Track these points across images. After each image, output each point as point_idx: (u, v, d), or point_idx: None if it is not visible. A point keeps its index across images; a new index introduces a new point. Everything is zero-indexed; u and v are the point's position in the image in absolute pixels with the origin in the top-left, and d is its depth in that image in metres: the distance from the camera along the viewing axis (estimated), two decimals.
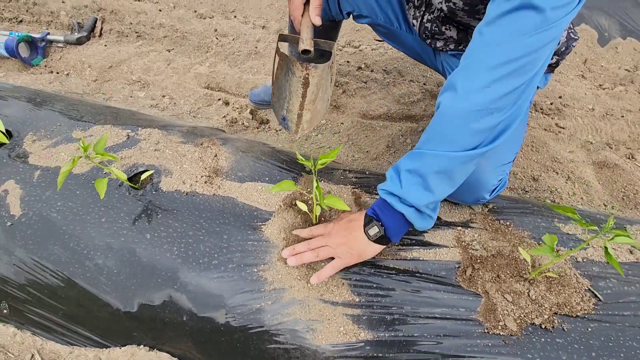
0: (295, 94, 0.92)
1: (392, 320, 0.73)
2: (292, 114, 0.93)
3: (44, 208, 0.88)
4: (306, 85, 0.91)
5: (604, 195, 1.25)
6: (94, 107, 1.17)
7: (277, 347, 0.75)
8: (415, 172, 0.70)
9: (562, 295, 0.75)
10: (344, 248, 0.74)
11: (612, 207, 1.22)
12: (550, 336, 0.70)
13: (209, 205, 0.87)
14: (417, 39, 1.09)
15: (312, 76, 0.90)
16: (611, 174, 1.29)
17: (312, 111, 0.92)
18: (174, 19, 1.82)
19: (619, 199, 1.25)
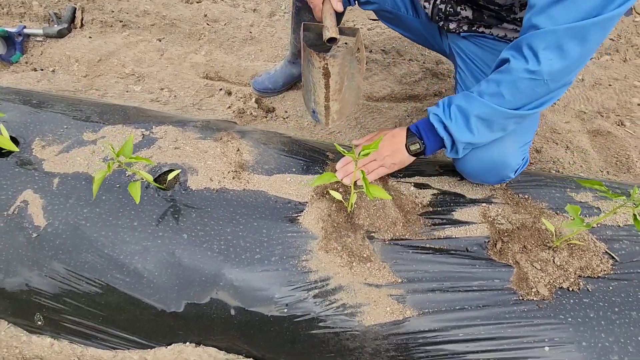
0: (319, 85, 0.91)
1: (434, 296, 0.78)
2: (320, 106, 0.92)
3: (70, 216, 0.85)
4: (327, 75, 0.90)
5: (599, 161, 1.33)
6: (97, 106, 1.12)
7: (326, 332, 0.78)
8: (462, 110, 0.79)
9: (584, 259, 0.82)
10: (389, 159, 0.89)
11: (607, 173, 1.31)
12: (577, 297, 0.77)
13: (241, 201, 0.87)
14: (423, 23, 1.10)
15: (332, 65, 0.89)
16: (605, 141, 1.37)
17: (339, 101, 0.92)
18: (158, 5, 1.73)
19: (613, 164, 1.33)
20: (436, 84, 1.53)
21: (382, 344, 0.77)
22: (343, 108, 0.95)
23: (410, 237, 0.84)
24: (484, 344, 0.74)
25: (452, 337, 0.75)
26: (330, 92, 0.92)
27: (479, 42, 0.98)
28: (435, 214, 0.88)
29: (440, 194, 0.93)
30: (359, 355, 0.78)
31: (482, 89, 0.78)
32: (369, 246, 0.82)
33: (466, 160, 0.88)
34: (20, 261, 0.84)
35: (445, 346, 0.75)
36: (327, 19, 0.89)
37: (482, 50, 0.97)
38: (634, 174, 1.29)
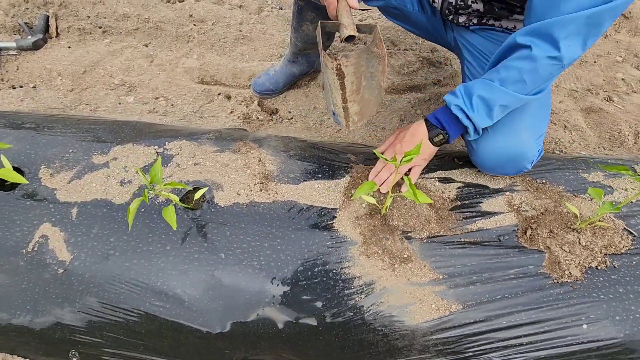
0: (334, 87, 0.90)
1: (475, 288, 0.80)
2: (338, 107, 0.91)
3: (97, 247, 0.82)
4: (341, 76, 0.88)
5: (594, 138, 1.40)
6: (97, 124, 1.06)
7: (375, 335, 0.80)
8: (485, 100, 0.82)
9: (606, 238, 0.87)
10: (419, 157, 0.90)
11: (603, 148, 1.38)
12: (606, 275, 0.82)
13: (274, 213, 0.86)
14: (428, 17, 1.10)
15: (345, 66, 0.87)
16: (597, 117, 1.44)
17: (358, 102, 0.90)
18: (137, 7, 1.63)
19: (607, 139, 1.40)
20: (434, 72, 1.54)
21: (430, 339, 0.79)
22: (364, 109, 0.94)
23: (445, 233, 0.86)
24: (526, 328, 0.78)
25: (496, 326, 0.78)
26: (346, 94, 0.91)
27: (487, 35, 0.99)
28: (464, 207, 0.90)
29: (465, 186, 0.95)
30: (408, 352, 0.81)
31: (503, 76, 0.80)
32: (408, 246, 0.83)
33: (484, 155, 0.90)
34: (48, 299, 0.80)
35: (490, 335, 0.78)
36: (343, 16, 0.86)
37: (490, 43, 0.98)
38: (627, 147, 1.37)
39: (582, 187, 0.97)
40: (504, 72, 0.80)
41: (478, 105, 0.82)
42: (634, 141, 1.38)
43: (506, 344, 0.79)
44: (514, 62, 0.79)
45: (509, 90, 0.79)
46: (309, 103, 1.42)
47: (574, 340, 0.78)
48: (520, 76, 0.78)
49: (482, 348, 0.79)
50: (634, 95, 1.53)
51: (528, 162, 0.90)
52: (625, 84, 1.57)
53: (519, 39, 0.77)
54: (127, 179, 0.90)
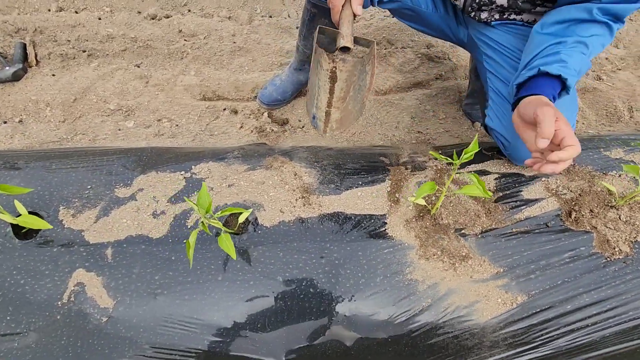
0: (324, 89, 0.88)
1: (535, 277, 0.81)
2: (321, 111, 0.90)
3: (142, 287, 0.75)
4: (334, 79, 0.87)
5: (593, 116, 1.46)
6: (108, 155, 0.98)
7: (445, 338, 0.78)
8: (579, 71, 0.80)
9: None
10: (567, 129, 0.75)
11: (603, 125, 1.44)
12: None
13: (324, 227, 0.83)
14: (441, 16, 1.10)
15: (340, 70, 0.87)
16: (593, 96, 1.50)
17: (341, 110, 0.89)
18: (121, 27, 1.55)
19: (604, 116, 1.47)
20: (434, 67, 1.56)
21: (499, 334, 0.78)
22: (344, 119, 0.93)
23: (496, 225, 0.85)
24: (589, 310, 0.79)
25: (562, 311, 0.79)
26: (333, 99, 0.90)
27: (508, 30, 1.00)
28: (507, 197, 0.91)
29: (502, 177, 0.96)
30: (478, 351, 0.80)
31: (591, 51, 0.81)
32: (465, 244, 0.83)
33: (520, 148, 0.90)
34: (93, 352, 0.72)
35: (557, 321, 0.79)
36: (344, 25, 0.85)
37: (513, 37, 0.99)
38: (625, 122, 1.44)
39: (608, 165, 1.00)
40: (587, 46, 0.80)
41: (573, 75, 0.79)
42: (629, 116, 1.46)
43: (572, 328, 0.79)
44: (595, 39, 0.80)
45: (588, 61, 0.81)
46: None
47: (636, 314, 0.80)
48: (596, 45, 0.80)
49: (550, 335, 0.79)
50: (619, 72, 1.62)
51: None
52: (609, 62, 1.66)
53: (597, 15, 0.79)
54: (159, 210, 0.84)
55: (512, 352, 0.80)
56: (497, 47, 1.00)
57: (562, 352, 0.81)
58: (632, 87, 1.53)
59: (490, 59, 1.02)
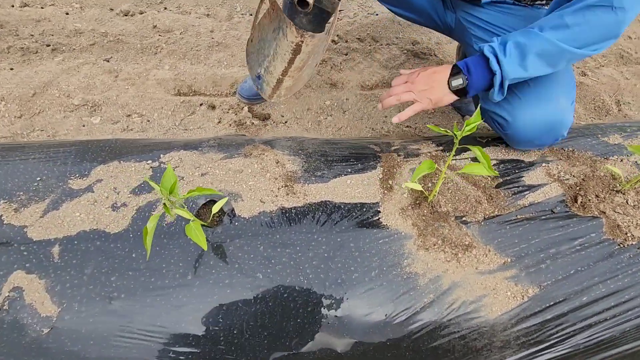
0: (281, 58, 0.81)
1: (546, 267, 0.73)
2: (272, 76, 0.82)
3: (94, 290, 0.63)
4: (297, 52, 0.80)
5: (582, 110, 1.44)
6: (66, 146, 0.87)
7: (451, 339, 0.68)
8: (520, 46, 0.74)
9: None
10: (425, 94, 0.83)
11: (592, 119, 1.42)
12: None
13: (310, 217, 0.73)
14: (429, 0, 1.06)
15: (306, 44, 0.80)
16: (579, 91, 1.49)
17: (295, 78, 0.83)
18: (91, 22, 1.45)
19: (592, 110, 1.45)
20: (420, 63, 1.52)
21: (511, 333, 0.69)
22: (294, 86, 0.86)
23: (499, 212, 0.78)
24: (607, 301, 0.72)
25: (577, 304, 0.71)
26: (291, 69, 0.82)
27: (499, 9, 0.96)
28: (508, 183, 0.84)
29: (500, 163, 0.89)
30: (488, 353, 0.70)
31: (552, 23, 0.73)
32: (467, 232, 0.74)
33: (522, 126, 0.85)
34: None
35: (572, 315, 0.71)
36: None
37: (504, 15, 0.95)
38: (613, 115, 1.42)
39: (608, 151, 0.95)
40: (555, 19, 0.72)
41: (510, 51, 0.75)
42: (618, 109, 1.44)
43: (590, 322, 0.71)
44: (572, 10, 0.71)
45: (552, 40, 0.72)
46: (302, 105, 1.32)
47: None
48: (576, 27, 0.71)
49: (566, 332, 0.71)
50: (603, 68, 1.62)
51: (565, 130, 0.86)
52: (592, 59, 1.66)
53: None
54: (119, 203, 0.73)
55: (526, 353, 0.71)
56: (487, 27, 0.96)
57: (580, 351, 0.72)
58: (616, 81, 1.52)
59: (480, 40, 0.98)
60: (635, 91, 1.51)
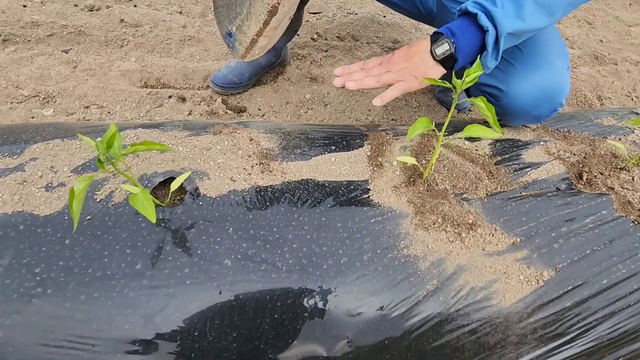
0: (256, 19, 0.74)
1: (559, 247, 0.64)
2: (245, 36, 0.75)
3: (11, 286, 0.49)
4: (273, 14, 0.74)
5: (566, 105, 1.42)
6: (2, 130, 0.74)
7: (460, 334, 0.57)
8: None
9: None
10: (407, 71, 0.69)
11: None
12: None
13: (289, 196, 0.62)
14: None
15: (283, 6, 0.73)
16: None
17: (270, 37, 0.75)
18: (51, 15, 1.34)
19: (576, 105, 1.43)
20: None
21: (527, 325, 0.59)
22: (268, 44, 0.79)
23: (502, 189, 0.70)
24: (629, 284, 0.63)
25: (598, 288, 0.62)
26: (266, 29, 0.75)
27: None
28: (508, 160, 0.76)
29: (496, 142, 0.82)
30: (502, 350, 0.59)
31: None
32: (470, 209, 0.65)
33: (519, 94, 0.79)
34: None
35: (593, 301, 0.61)
36: None
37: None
38: (597, 108, 1.41)
39: (604, 131, 0.90)
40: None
41: (503, 1, 0.64)
42: (600, 103, 1.43)
43: (613, 309, 0.62)
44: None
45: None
46: (280, 98, 1.23)
47: None
48: None
49: (588, 321, 0.61)
50: (580, 68, 1.63)
51: (563, 97, 0.81)
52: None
53: None
54: (56, 182, 0.60)
55: (545, 350, 0.60)
56: None
57: (604, 344, 0.62)
58: (595, 79, 1.53)
59: None
60: (614, 88, 1.52)
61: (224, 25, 0.75)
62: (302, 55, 1.39)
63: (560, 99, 0.81)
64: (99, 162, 0.44)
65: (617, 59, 1.69)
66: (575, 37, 1.81)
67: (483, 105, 0.55)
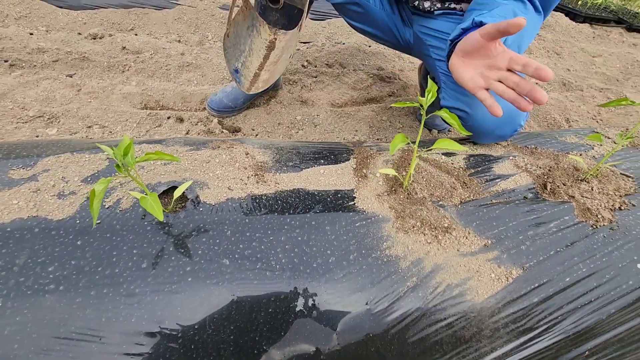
0: (257, 54, 0.85)
1: (527, 248, 0.71)
2: (249, 70, 0.85)
3: (25, 284, 0.53)
4: (271, 48, 0.85)
5: (536, 126, 1.53)
6: (14, 145, 0.79)
7: (438, 328, 0.63)
8: None
9: (612, 183, 0.88)
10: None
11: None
12: (631, 213, 0.80)
13: (282, 203, 0.69)
14: (388, 14, 1.14)
15: (280, 41, 0.84)
16: (532, 111, 1.60)
17: (271, 71, 0.86)
18: (56, 42, 1.43)
19: (545, 126, 1.55)
20: (386, 86, 1.59)
21: (499, 319, 0.65)
22: (271, 78, 0.89)
23: (475, 197, 0.77)
24: (590, 281, 0.70)
25: (562, 285, 0.68)
26: (266, 63, 0.86)
27: (449, 19, 1.05)
28: (480, 172, 0.84)
29: (469, 157, 0.91)
30: (477, 344, 0.65)
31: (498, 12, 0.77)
32: (445, 214, 0.72)
33: (482, 117, 0.89)
34: None
35: (558, 297, 0.68)
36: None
37: (454, 24, 1.03)
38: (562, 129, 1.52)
39: (567, 148, 1.00)
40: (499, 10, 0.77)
41: None
42: (568, 125, 1.55)
43: (575, 305, 0.68)
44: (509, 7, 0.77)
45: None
46: (272, 120, 1.31)
47: (636, 284, 0.72)
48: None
49: (554, 316, 0.67)
50: (550, 93, 1.77)
51: (522, 119, 0.91)
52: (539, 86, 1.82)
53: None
54: (68, 191, 0.65)
55: (517, 343, 0.66)
56: (441, 35, 1.03)
57: (571, 338, 0.68)
58: (563, 103, 1.66)
59: (435, 47, 1.05)
60: (580, 111, 1.65)
61: (231, 63, 0.85)
62: (293, 80, 1.49)
63: (519, 120, 0.91)
64: (117, 167, 0.50)
65: (583, 85, 1.84)
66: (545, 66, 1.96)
67: (446, 115, 0.63)
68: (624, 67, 2.21)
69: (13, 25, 1.46)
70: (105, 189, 0.49)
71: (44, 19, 1.54)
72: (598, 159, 0.96)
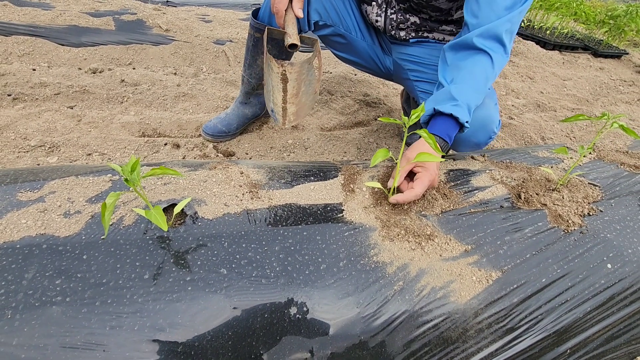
0: (277, 89, 0.96)
1: (504, 253, 0.76)
2: (277, 106, 0.95)
3: (34, 296, 0.56)
4: (285, 81, 0.95)
5: (513, 143, 1.63)
6: (18, 171, 0.84)
7: (425, 329, 0.66)
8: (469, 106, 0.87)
9: (581, 192, 0.95)
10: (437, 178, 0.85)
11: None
12: (599, 218, 0.87)
13: (276, 217, 0.73)
14: (369, 44, 1.25)
15: (290, 72, 0.94)
16: (509, 130, 1.70)
17: (296, 104, 0.95)
18: (58, 77, 1.50)
19: (522, 144, 1.65)
20: (372, 111, 1.69)
21: (483, 320, 0.69)
22: (300, 111, 0.98)
23: (455, 207, 0.83)
24: (563, 282, 0.75)
25: (538, 286, 0.73)
26: (287, 96, 0.96)
27: (424, 46, 1.16)
28: (459, 185, 0.91)
29: (449, 171, 0.97)
30: (464, 344, 0.68)
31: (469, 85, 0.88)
32: (428, 223, 0.77)
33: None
34: None
35: (536, 297, 0.72)
36: (289, 26, 0.95)
37: (428, 49, 1.14)
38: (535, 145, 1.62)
39: (540, 161, 1.08)
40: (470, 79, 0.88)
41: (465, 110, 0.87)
42: (543, 143, 1.65)
43: (553, 304, 0.73)
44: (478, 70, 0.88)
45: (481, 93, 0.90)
46: (265, 144, 1.38)
47: (607, 283, 0.77)
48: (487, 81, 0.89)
49: (534, 316, 0.72)
50: (525, 114, 1.89)
51: (495, 126, 0.99)
52: (515, 108, 1.94)
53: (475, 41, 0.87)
54: (73, 210, 0.69)
55: (501, 343, 0.70)
56: (417, 60, 1.14)
57: (552, 337, 0.72)
58: (537, 123, 1.77)
59: (413, 71, 1.14)
60: (554, 130, 1.76)
61: (268, 105, 0.95)
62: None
63: (492, 127, 0.99)
64: (126, 181, 0.55)
65: (556, 106, 1.96)
66: (520, 89, 2.10)
67: (425, 135, 0.70)
68: (593, 89, 2.37)
69: (16, 62, 1.54)
70: (115, 202, 0.53)
71: (46, 55, 1.63)
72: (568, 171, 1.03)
